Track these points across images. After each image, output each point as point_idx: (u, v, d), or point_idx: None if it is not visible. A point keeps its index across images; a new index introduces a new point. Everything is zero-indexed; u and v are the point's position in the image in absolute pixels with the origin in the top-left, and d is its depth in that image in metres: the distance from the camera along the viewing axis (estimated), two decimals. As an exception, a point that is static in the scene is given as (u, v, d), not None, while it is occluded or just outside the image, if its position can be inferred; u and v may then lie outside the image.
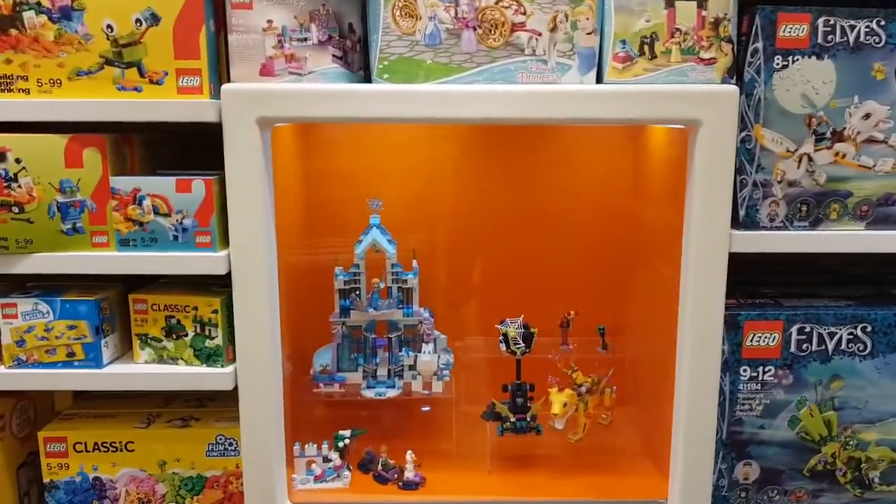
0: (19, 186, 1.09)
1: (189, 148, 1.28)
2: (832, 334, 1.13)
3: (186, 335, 1.15)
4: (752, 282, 1.26)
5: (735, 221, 1.09)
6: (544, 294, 1.38)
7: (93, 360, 1.14)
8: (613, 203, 1.43)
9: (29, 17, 1.06)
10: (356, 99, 1.06)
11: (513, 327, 1.27)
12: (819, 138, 1.09)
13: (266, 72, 1.08)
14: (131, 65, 1.07)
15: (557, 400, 1.25)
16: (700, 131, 1.05)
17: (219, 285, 1.16)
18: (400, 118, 1.08)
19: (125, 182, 1.10)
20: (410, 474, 1.25)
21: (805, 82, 1.07)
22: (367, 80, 1.12)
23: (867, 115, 1.08)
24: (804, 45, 1.06)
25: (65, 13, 1.06)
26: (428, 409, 1.39)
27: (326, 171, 1.42)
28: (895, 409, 1.16)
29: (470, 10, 1.06)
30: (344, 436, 1.25)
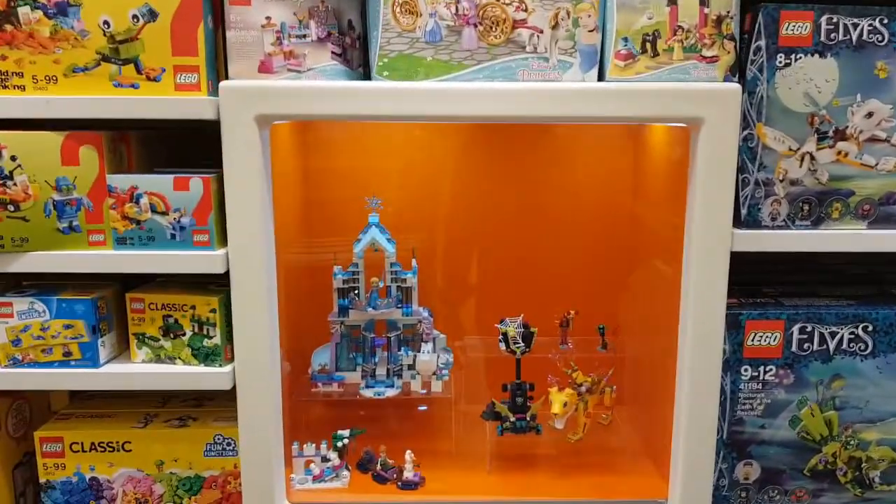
0: (15, 184, 1.08)
1: (187, 145, 1.27)
2: (833, 334, 1.13)
3: (184, 334, 1.14)
4: (753, 281, 1.26)
5: (737, 220, 1.09)
6: (544, 293, 1.38)
7: (89, 359, 1.13)
8: (614, 202, 1.43)
9: (24, 12, 1.05)
10: (355, 96, 1.05)
11: (512, 326, 1.27)
12: (821, 137, 1.08)
13: (265, 69, 1.07)
14: (128, 61, 1.06)
15: (557, 399, 1.24)
16: (702, 130, 1.05)
17: (217, 284, 1.15)
18: (400, 116, 1.08)
19: (122, 180, 1.09)
20: (409, 474, 1.25)
21: (807, 81, 1.06)
22: (367, 78, 1.11)
23: (870, 114, 1.08)
24: (807, 43, 1.06)
25: (61, 9, 1.05)
26: (424, 408, 1.38)
27: (325, 170, 1.42)
28: (896, 409, 1.16)
29: (471, 6, 1.05)
30: (343, 435, 1.25)
